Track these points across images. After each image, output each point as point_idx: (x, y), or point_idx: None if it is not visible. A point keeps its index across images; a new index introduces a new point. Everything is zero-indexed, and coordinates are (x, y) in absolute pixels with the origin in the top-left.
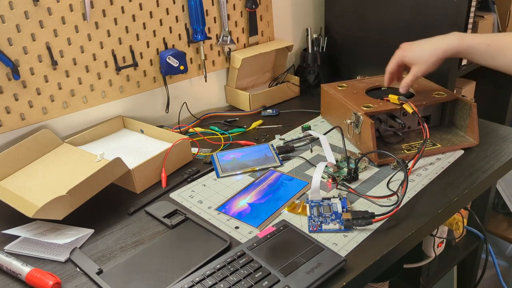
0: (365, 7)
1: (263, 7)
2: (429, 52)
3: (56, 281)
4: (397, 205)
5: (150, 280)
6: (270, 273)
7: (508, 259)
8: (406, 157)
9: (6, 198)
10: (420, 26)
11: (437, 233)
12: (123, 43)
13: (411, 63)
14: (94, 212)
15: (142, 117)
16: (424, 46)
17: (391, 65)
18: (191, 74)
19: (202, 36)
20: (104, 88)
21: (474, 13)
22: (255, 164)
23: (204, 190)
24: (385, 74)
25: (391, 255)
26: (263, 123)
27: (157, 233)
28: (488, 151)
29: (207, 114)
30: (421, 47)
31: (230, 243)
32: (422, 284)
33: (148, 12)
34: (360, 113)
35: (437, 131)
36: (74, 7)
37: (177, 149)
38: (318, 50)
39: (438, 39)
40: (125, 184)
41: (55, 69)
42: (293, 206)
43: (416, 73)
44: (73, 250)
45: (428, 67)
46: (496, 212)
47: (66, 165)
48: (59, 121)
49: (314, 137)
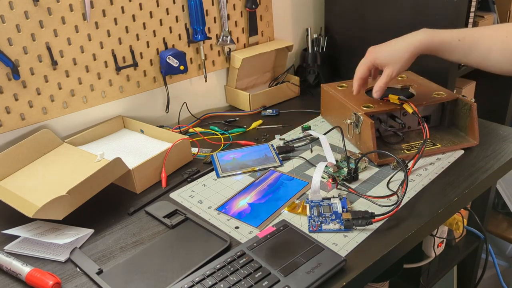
0: (365, 7)
1: (263, 7)
2: (400, 50)
3: (56, 281)
4: (397, 205)
5: (150, 280)
6: (270, 273)
7: (508, 259)
8: (406, 157)
9: (6, 198)
10: (420, 26)
11: (437, 233)
12: (123, 43)
13: (383, 65)
14: (94, 212)
15: (142, 117)
16: (394, 45)
17: (360, 71)
18: (191, 74)
19: (202, 36)
20: (104, 88)
21: (474, 13)
22: (255, 164)
23: (204, 190)
24: (354, 81)
25: (391, 255)
26: (263, 123)
27: (157, 233)
28: (488, 151)
29: (207, 114)
30: (391, 46)
31: (230, 243)
32: (422, 284)
33: (148, 12)
34: (360, 113)
35: (437, 131)
36: (74, 7)
37: (177, 149)
38: (318, 50)
39: (408, 36)
40: (125, 184)
41: (55, 69)
42: (293, 206)
43: (390, 73)
44: (73, 250)
45: (401, 66)
46: (496, 212)
47: (66, 165)
48: (59, 121)
49: (314, 137)
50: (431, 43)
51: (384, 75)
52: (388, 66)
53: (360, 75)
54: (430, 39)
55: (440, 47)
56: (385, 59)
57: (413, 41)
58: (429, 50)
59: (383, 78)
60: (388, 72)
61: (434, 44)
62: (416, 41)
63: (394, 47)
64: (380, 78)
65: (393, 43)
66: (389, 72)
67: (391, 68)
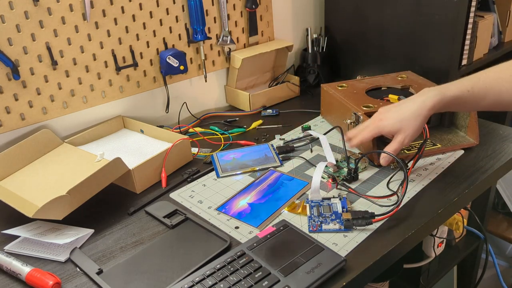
0: (365, 7)
1: (263, 7)
2: (412, 115)
3: (56, 281)
4: (397, 205)
5: (150, 280)
6: (270, 273)
7: (508, 259)
8: (406, 157)
9: (6, 198)
10: (420, 26)
11: (437, 233)
12: (123, 43)
13: (392, 133)
14: (94, 212)
15: (142, 117)
16: (404, 110)
17: (364, 136)
18: (191, 74)
19: (202, 36)
20: (104, 88)
21: (474, 13)
22: (255, 164)
23: (204, 190)
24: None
25: (391, 255)
26: (263, 123)
27: (157, 233)
28: (488, 151)
29: (207, 114)
30: (401, 112)
31: (230, 243)
32: (422, 284)
33: (148, 12)
34: (360, 113)
35: (437, 131)
36: (74, 7)
37: (177, 149)
38: (318, 50)
39: (417, 99)
40: (125, 184)
41: (55, 69)
42: (293, 206)
43: (402, 140)
44: (73, 250)
45: (415, 131)
46: (496, 212)
47: (66, 165)
48: (59, 121)
49: (314, 137)
50: (443, 103)
51: (395, 142)
52: (399, 132)
53: (361, 141)
54: (441, 98)
55: (451, 104)
56: (395, 126)
57: (425, 105)
58: (441, 109)
59: (394, 145)
60: (400, 139)
61: (446, 102)
62: (428, 104)
63: (404, 112)
64: (391, 144)
65: (403, 107)
66: (401, 139)
67: (403, 134)
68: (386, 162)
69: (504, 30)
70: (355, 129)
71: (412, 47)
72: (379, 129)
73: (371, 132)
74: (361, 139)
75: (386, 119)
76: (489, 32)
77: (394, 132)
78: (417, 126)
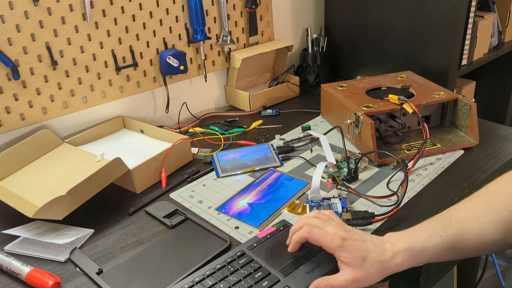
0: (365, 7)
1: (263, 7)
2: (374, 268)
3: (56, 281)
4: (397, 205)
5: (150, 280)
6: (270, 273)
7: (508, 259)
8: (406, 157)
9: (6, 198)
10: (420, 26)
11: None
12: (123, 43)
13: (346, 261)
14: (94, 212)
15: (142, 117)
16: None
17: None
18: (191, 74)
19: (202, 36)
20: (104, 88)
21: (474, 13)
22: (255, 164)
23: (204, 190)
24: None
25: None
26: (263, 123)
27: (157, 233)
28: (488, 151)
29: (207, 114)
30: (362, 253)
31: (230, 243)
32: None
33: (148, 12)
34: (360, 113)
35: (437, 131)
36: (74, 7)
37: (177, 149)
38: (318, 50)
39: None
40: (125, 184)
41: (55, 69)
42: (293, 206)
43: (358, 278)
44: (73, 250)
45: (370, 281)
46: None
47: (66, 165)
48: (59, 121)
49: (314, 137)
50: (412, 256)
51: (347, 277)
52: (353, 268)
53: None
54: (410, 253)
55: (421, 254)
56: (353, 261)
57: (390, 264)
58: (412, 264)
59: (343, 280)
60: (356, 276)
61: (415, 254)
62: (392, 266)
63: (365, 255)
64: (340, 277)
65: (364, 249)
66: (357, 276)
67: (359, 273)
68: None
69: (504, 30)
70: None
71: (412, 47)
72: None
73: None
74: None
75: (349, 243)
76: (489, 32)
77: (347, 262)
78: (374, 279)
